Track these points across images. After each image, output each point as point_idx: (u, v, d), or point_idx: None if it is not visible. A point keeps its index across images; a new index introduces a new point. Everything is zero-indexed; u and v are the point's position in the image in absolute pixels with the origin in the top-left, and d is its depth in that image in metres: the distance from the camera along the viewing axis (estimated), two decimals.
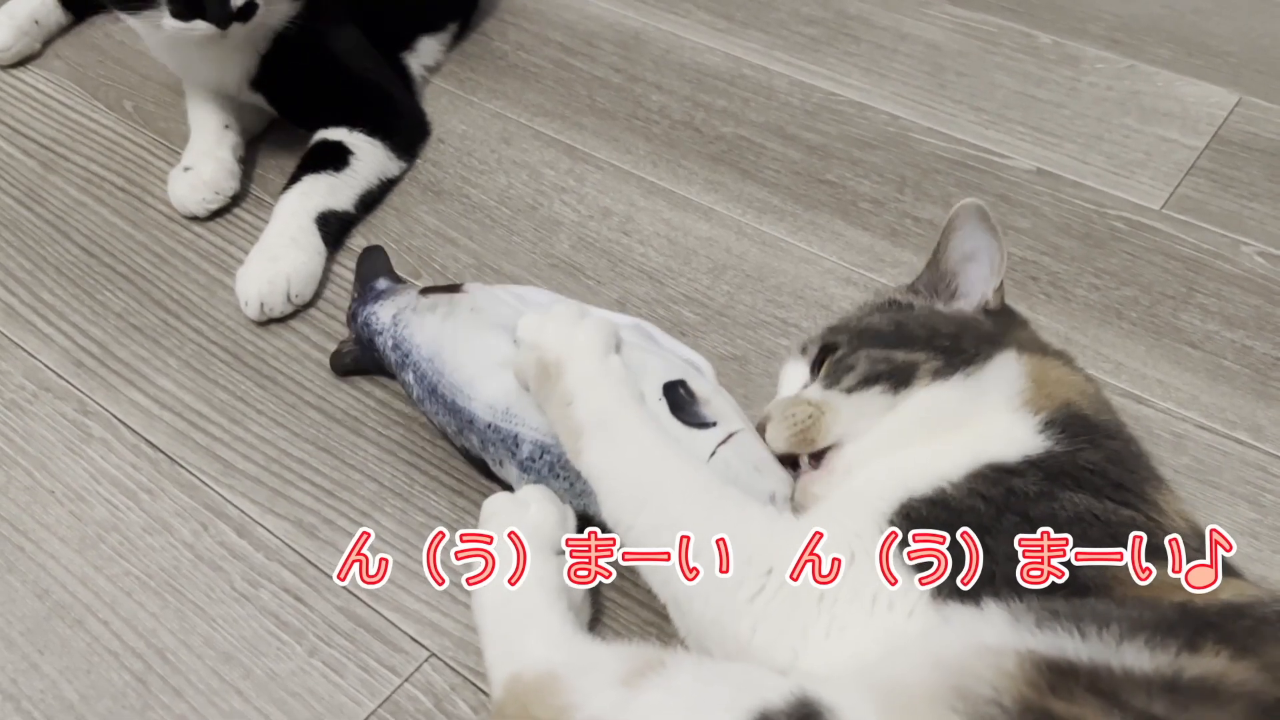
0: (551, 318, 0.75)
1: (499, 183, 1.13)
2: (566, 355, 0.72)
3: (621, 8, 1.38)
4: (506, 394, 0.77)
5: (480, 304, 0.82)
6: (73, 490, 0.84)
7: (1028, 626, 0.51)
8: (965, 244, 0.75)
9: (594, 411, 0.70)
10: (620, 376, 0.72)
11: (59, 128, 1.18)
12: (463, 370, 0.79)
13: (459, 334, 0.81)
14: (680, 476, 0.66)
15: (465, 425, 0.79)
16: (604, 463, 0.68)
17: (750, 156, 1.17)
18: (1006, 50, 1.31)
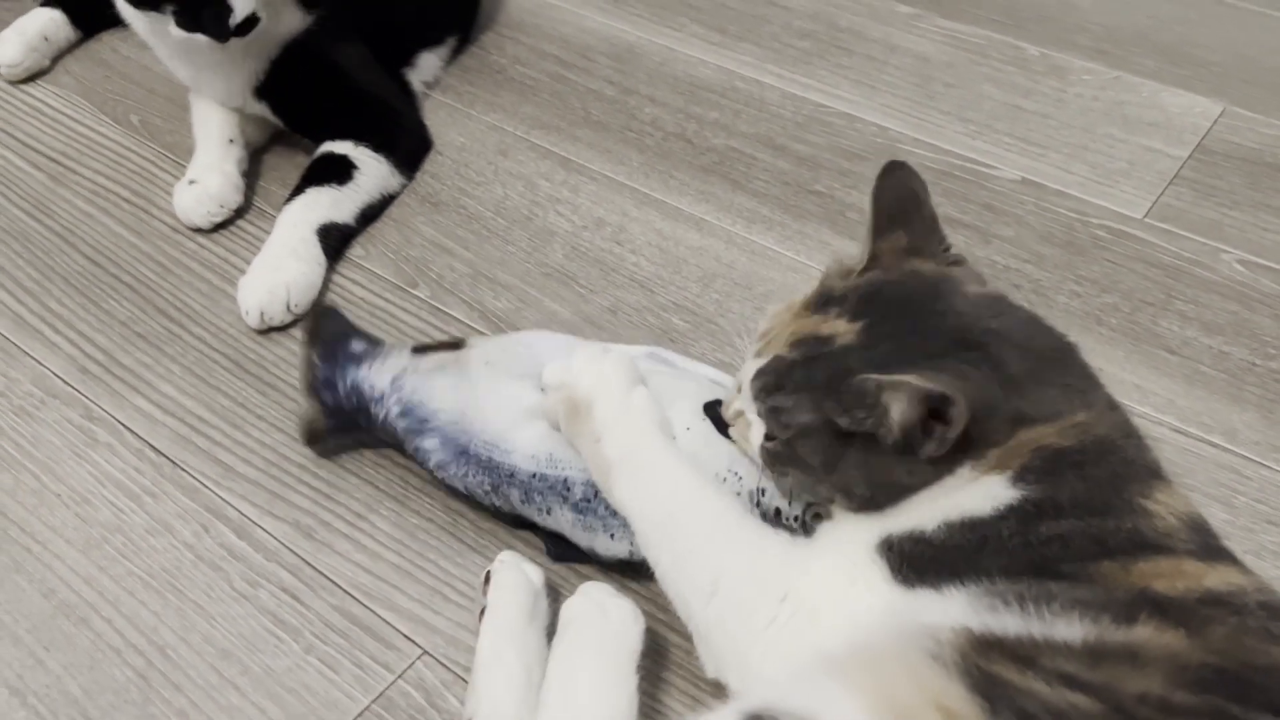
0: (577, 360, 0.77)
1: (495, 194, 1.16)
2: (595, 393, 0.75)
3: (617, 22, 1.41)
4: (545, 441, 0.77)
5: (493, 357, 0.82)
6: (78, 493, 0.87)
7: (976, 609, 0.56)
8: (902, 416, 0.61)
9: (622, 448, 0.73)
10: (647, 411, 0.74)
11: (67, 141, 1.21)
12: (492, 425, 0.78)
13: (479, 390, 0.80)
14: (701, 506, 0.70)
15: (505, 480, 0.78)
16: (632, 495, 0.72)
17: (741, 167, 1.19)
18: (994, 62, 1.33)
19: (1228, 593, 0.57)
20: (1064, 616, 0.55)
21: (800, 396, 0.66)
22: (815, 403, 0.65)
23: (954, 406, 0.60)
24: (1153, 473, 0.65)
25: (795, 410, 0.66)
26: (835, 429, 0.64)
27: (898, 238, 0.72)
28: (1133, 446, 0.66)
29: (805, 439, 0.66)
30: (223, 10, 0.99)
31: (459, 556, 0.83)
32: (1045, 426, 0.63)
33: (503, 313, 1.03)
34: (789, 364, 0.68)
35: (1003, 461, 0.63)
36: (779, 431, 0.68)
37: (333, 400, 0.84)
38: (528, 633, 0.74)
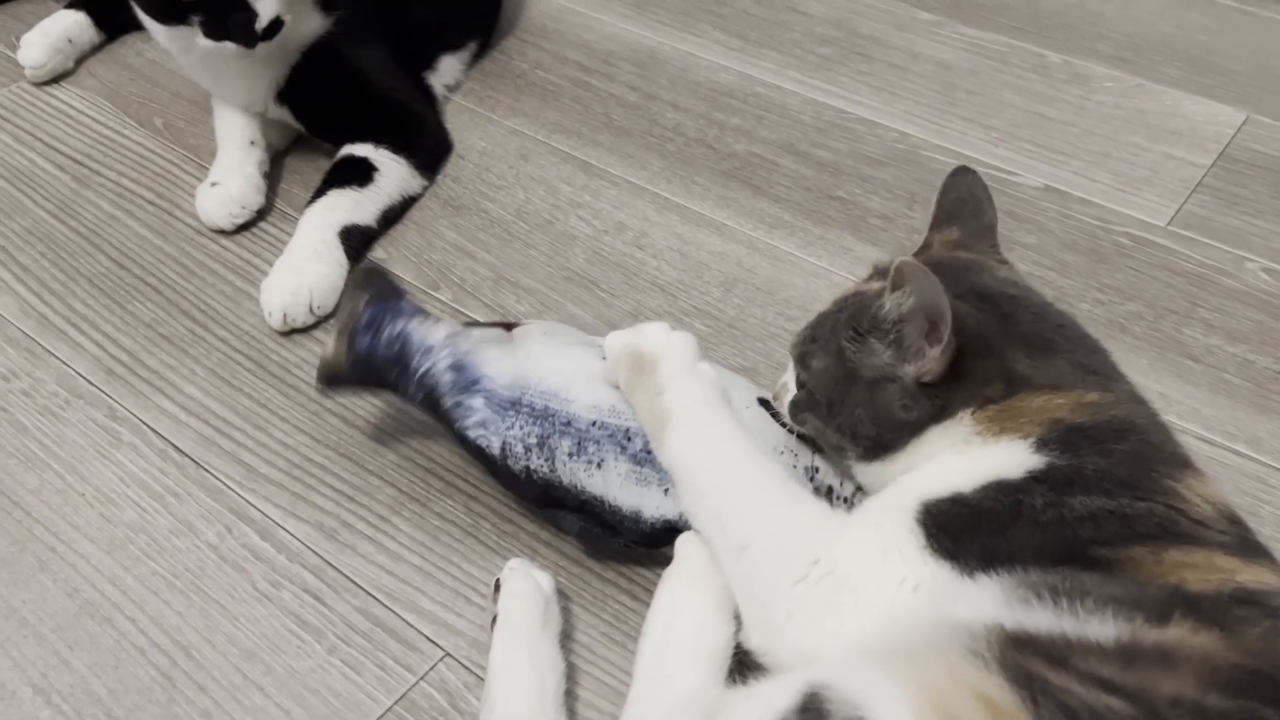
0: (646, 325, 0.79)
1: (517, 198, 1.16)
2: (663, 352, 0.76)
3: (639, 28, 1.41)
4: (608, 395, 0.78)
5: (552, 330, 0.83)
6: (102, 493, 0.87)
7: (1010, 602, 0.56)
8: (906, 305, 0.66)
9: (683, 401, 0.74)
10: (711, 380, 0.76)
11: (92, 143, 1.22)
12: (553, 379, 0.78)
13: (537, 352, 0.80)
14: (750, 467, 0.71)
15: (558, 430, 0.77)
16: (684, 449, 0.73)
17: (762, 173, 1.19)
18: (1016, 69, 1.33)
19: (1262, 592, 0.57)
20: (1097, 615, 0.55)
21: (828, 335, 0.71)
22: (835, 333, 0.70)
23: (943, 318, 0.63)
24: (1182, 461, 0.65)
25: (818, 349, 0.71)
26: (846, 366, 0.69)
27: (951, 232, 0.78)
28: (1157, 433, 0.66)
29: (820, 378, 0.71)
30: (249, 16, 1.00)
31: (480, 559, 0.83)
32: (1051, 395, 0.65)
33: (524, 316, 1.03)
34: (825, 315, 0.73)
35: (1015, 426, 0.64)
36: (805, 377, 0.72)
37: (368, 345, 0.81)
38: (540, 639, 0.74)
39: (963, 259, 0.75)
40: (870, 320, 0.68)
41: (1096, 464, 0.62)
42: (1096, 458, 0.62)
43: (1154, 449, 0.64)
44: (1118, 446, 0.62)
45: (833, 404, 0.70)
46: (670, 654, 0.70)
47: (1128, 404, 0.66)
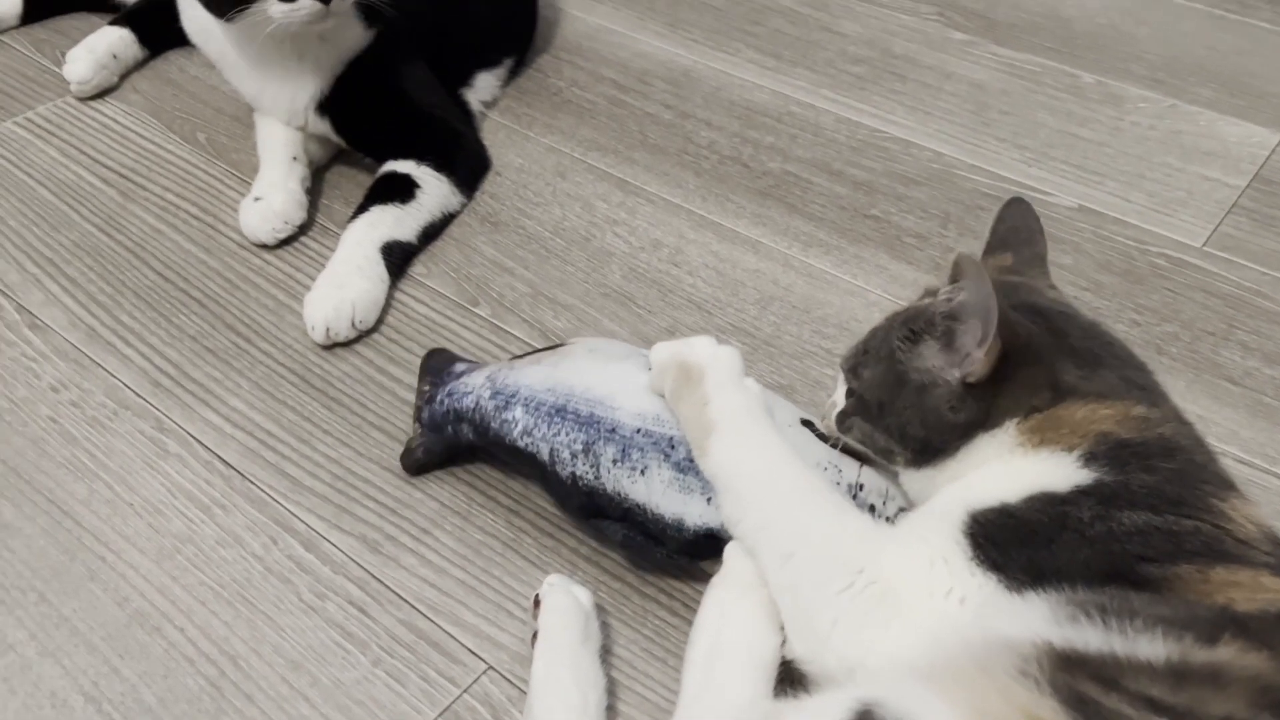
0: (693, 339, 0.80)
1: (554, 215, 1.17)
2: (710, 364, 0.78)
3: (673, 46, 1.43)
4: (652, 403, 0.79)
5: (596, 346, 0.85)
6: (151, 504, 0.89)
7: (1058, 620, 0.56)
8: (957, 299, 0.68)
9: (728, 411, 0.75)
10: (756, 393, 0.77)
11: (137, 158, 1.24)
12: (598, 388, 0.81)
13: (583, 366, 0.82)
14: (795, 477, 0.72)
15: (603, 436, 0.79)
16: (729, 458, 0.74)
17: (797, 191, 1.20)
18: (1050, 89, 1.33)
19: None
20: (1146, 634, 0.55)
21: (879, 342, 0.73)
22: (886, 337, 0.72)
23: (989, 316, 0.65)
24: (1226, 482, 0.65)
25: (869, 359, 0.73)
26: (896, 368, 0.71)
27: (1004, 258, 0.79)
28: (1202, 453, 0.67)
29: (871, 383, 0.72)
30: None
31: (522, 573, 0.84)
32: (1098, 405, 0.66)
33: (562, 332, 1.04)
34: (876, 329, 0.75)
35: (1061, 437, 0.65)
36: (855, 384, 0.74)
37: (429, 416, 0.88)
38: (581, 655, 0.74)
39: (1014, 280, 0.76)
40: (923, 320, 0.70)
41: (1143, 480, 0.62)
42: (1143, 474, 0.62)
43: (1199, 469, 0.64)
44: (1164, 464, 0.63)
45: (883, 405, 0.71)
46: (719, 664, 0.71)
47: (1174, 423, 0.67)
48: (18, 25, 1.45)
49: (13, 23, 1.45)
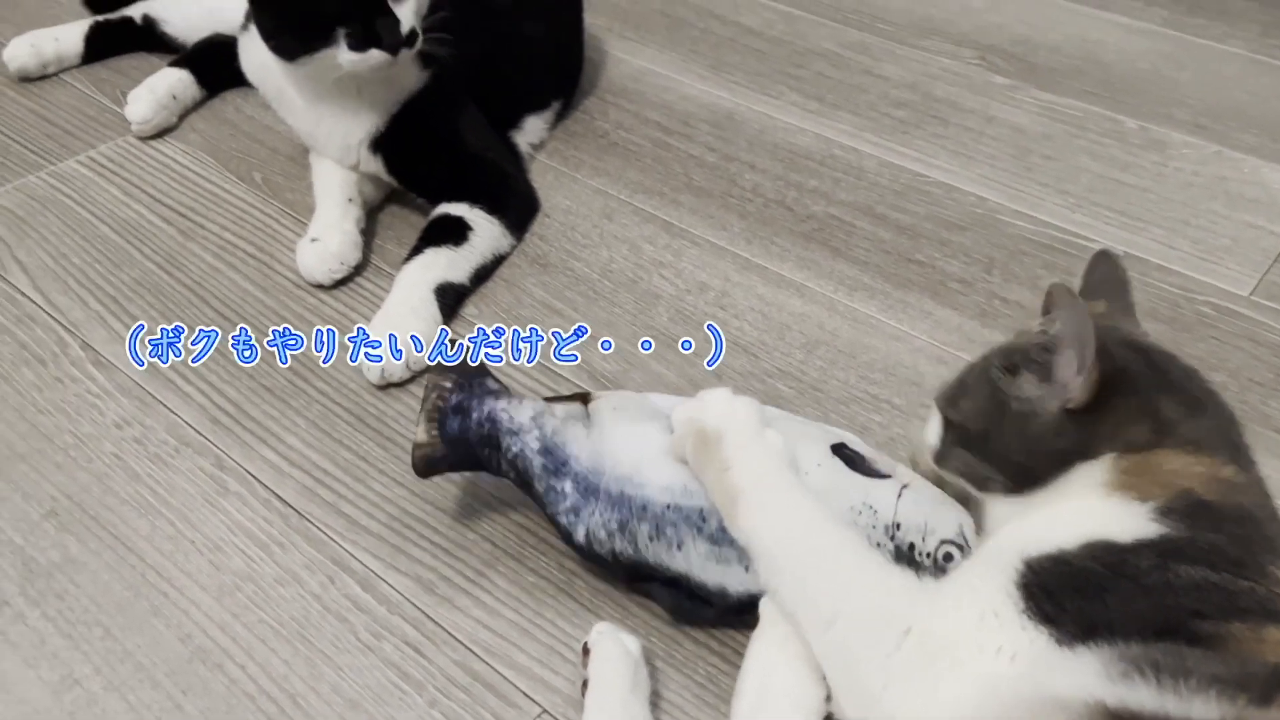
0: (709, 396, 0.80)
1: (601, 256, 1.19)
2: (726, 425, 0.78)
3: (716, 89, 1.45)
4: (678, 474, 0.79)
5: (619, 404, 0.85)
6: (211, 541, 0.91)
7: (1111, 677, 0.57)
8: (1053, 330, 0.70)
9: (750, 476, 0.75)
10: (777, 448, 0.77)
11: (195, 197, 1.28)
12: (624, 462, 0.80)
13: (608, 432, 0.82)
14: (828, 539, 0.72)
15: (635, 515, 0.79)
16: (758, 527, 0.74)
17: (841, 235, 1.21)
18: (1092, 135, 1.34)
19: None
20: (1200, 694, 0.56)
21: (977, 374, 0.76)
22: (985, 369, 0.74)
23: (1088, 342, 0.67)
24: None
25: (967, 391, 0.75)
26: (996, 397, 0.72)
27: (1098, 305, 0.80)
28: (1272, 526, 0.67)
29: (972, 413, 0.74)
30: (395, 21, 1.05)
31: (575, 616, 0.85)
32: (1192, 457, 0.67)
33: (610, 374, 1.06)
34: (972, 365, 0.78)
35: (1144, 485, 0.66)
36: (954, 414, 0.75)
37: (458, 428, 0.85)
38: (631, 704, 0.75)
39: (1111, 323, 0.78)
40: (1021, 351, 0.72)
41: (1208, 539, 0.63)
42: (1210, 534, 0.63)
43: (1265, 540, 0.65)
44: (1233, 529, 0.64)
45: (986, 434, 0.73)
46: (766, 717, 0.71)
47: (1256, 494, 0.67)
48: (79, 64, 1.50)
49: (74, 61, 1.49)
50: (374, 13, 1.04)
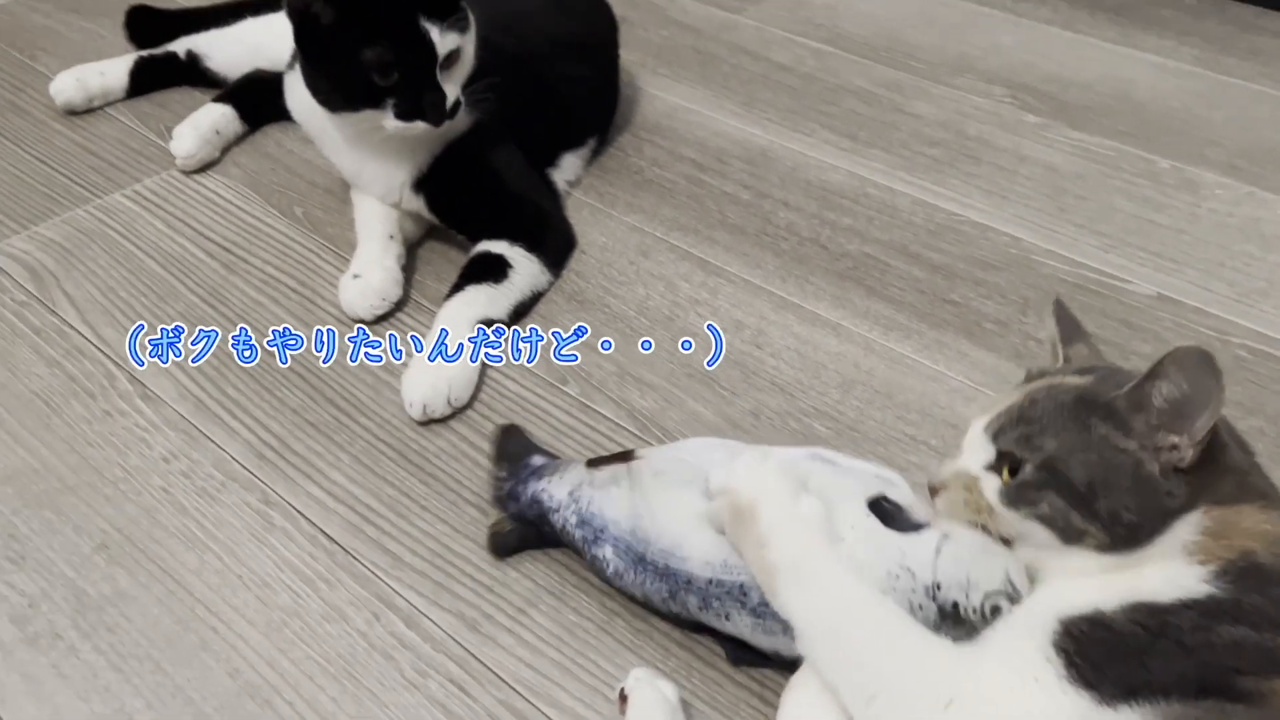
0: (740, 465, 0.80)
1: (638, 294, 1.21)
2: (759, 499, 0.77)
3: (749, 126, 1.47)
4: (718, 547, 0.80)
5: (660, 467, 0.86)
6: (258, 576, 0.92)
7: None
8: (1173, 392, 0.68)
9: (787, 553, 0.75)
10: (811, 518, 0.77)
11: (238, 231, 1.30)
12: (667, 534, 0.82)
13: (651, 500, 0.84)
14: (866, 614, 0.72)
15: (682, 587, 0.81)
16: (798, 603, 0.74)
17: (876, 274, 1.22)
18: (1125, 175, 1.35)
19: None
20: None
21: (1053, 415, 0.71)
22: (1074, 414, 0.70)
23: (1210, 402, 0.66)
24: None
25: (1050, 427, 0.71)
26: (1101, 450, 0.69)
27: (1080, 349, 0.80)
28: None
29: (1067, 456, 0.70)
30: (441, 97, 1.09)
31: (616, 656, 0.86)
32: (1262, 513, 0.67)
33: (649, 412, 1.07)
34: (1030, 401, 0.73)
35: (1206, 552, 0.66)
36: (1030, 456, 0.71)
37: (516, 510, 0.92)
38: None
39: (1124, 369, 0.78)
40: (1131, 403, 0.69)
41: (1253, 601, 0.63)
42: (1255, 595, 0.64)
43: None
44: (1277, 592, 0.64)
45: (1093, 487, 0.69)
46: None
47: None
48: (123, 98, 1.53)
49: (119, 96, 1.52)
50: (422, 88, 1.08)
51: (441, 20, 1.07)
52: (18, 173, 1.39)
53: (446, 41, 1.08)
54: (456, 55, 1.10)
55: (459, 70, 1.11)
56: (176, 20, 1.59)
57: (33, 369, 1.11)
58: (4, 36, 1.67)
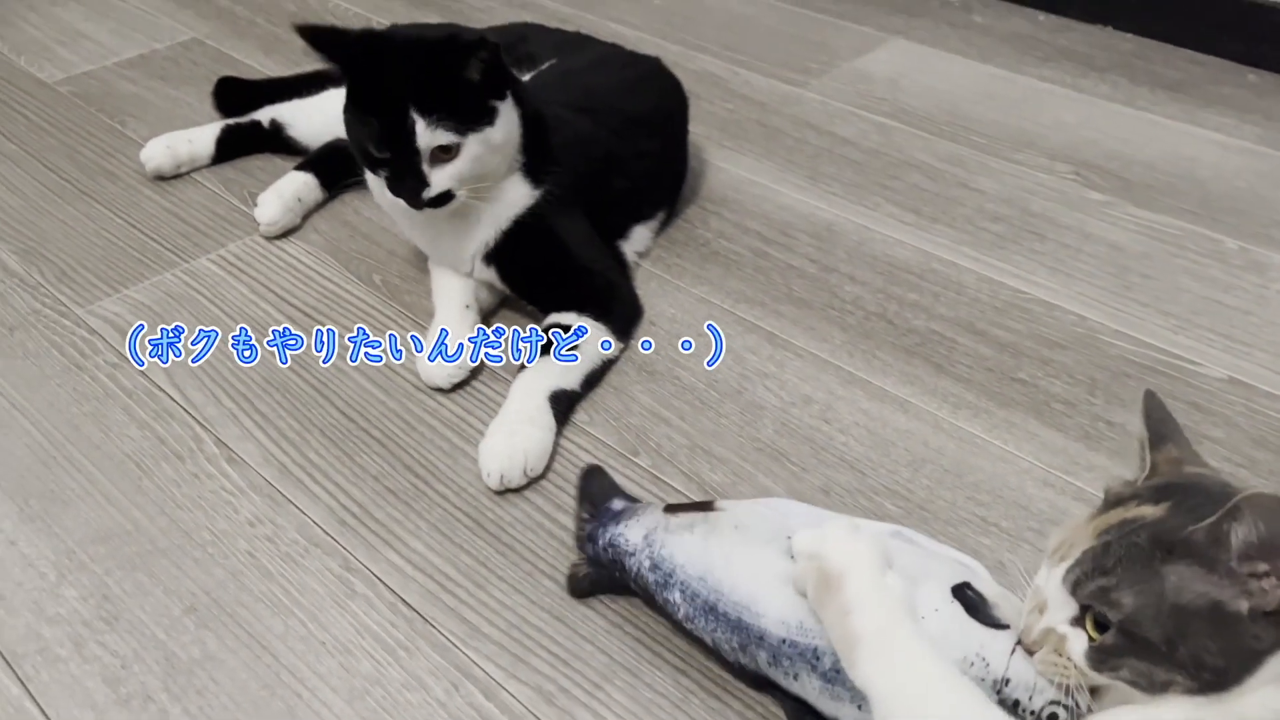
0: (831, 532, 0.82)
1: (706, 365, 1.23)
2: (848, 568, 0.79)
3: (814, 199, 1.49)
4: (795, 608, 0.81)
5: (742, 521, 0.88)
6: (341, 643, 0.94)
7: None
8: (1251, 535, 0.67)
9: (871, 624, 0.76)
10: (897, 594, 0.78)
11: (318, 297, 1.34)
12: (743, 587, 0.84)
13: (730, 551, 0.86)
14: (946, 695, 0.73)
15: (753, 641, 0.83)
16: (877, 675, 0.75)
17: (943, 351, 1.24)
18: (1191, 254, 1.36)
19: None
20: None
21: (1128, 563, 0.70)
22: (1148, 559, 0.69)
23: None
24: None
25: (1126, 579, 0.69)
26: (1180, 598, 0.68)
27: (1169, 450, 0.79)
28: None
29: (1142, 615, 0.69)
30: (418, 185, 1.14)
31: None
32: None
33: (719, 485, 1.08)
34: (1103, 547, 0.72)
35: None
36: (1110, 614, 0.70)
37: (593, 552, 0.95)
38: None
39: (1215, 476, 0.77)
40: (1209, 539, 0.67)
41: None
42: None
43: None
44: None
45: (1171, 641, 0.68)
46: None
47: None
48: (209, 164, 1.59)
49: (205, 162, 1.58)
50: (405, 172, 1.13)
51: (429, 115, 1.10)
52: (110, 236, 1.45)
53: (433, 137, 1.11)
54: (451, 151, 1.12)
55: (457, 165, 1.13)
56: (261, 90, 1.66)
57: (125, 430, 1.15)
58: (95, 102, 1.75)
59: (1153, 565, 0.69)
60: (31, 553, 1.03)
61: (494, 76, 1.14)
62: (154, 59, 1.88)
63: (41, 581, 1.00)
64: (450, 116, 1.11)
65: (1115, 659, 0.71)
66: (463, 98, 1.12)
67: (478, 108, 1.13)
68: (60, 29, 1.99)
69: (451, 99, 1.11)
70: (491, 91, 1.14)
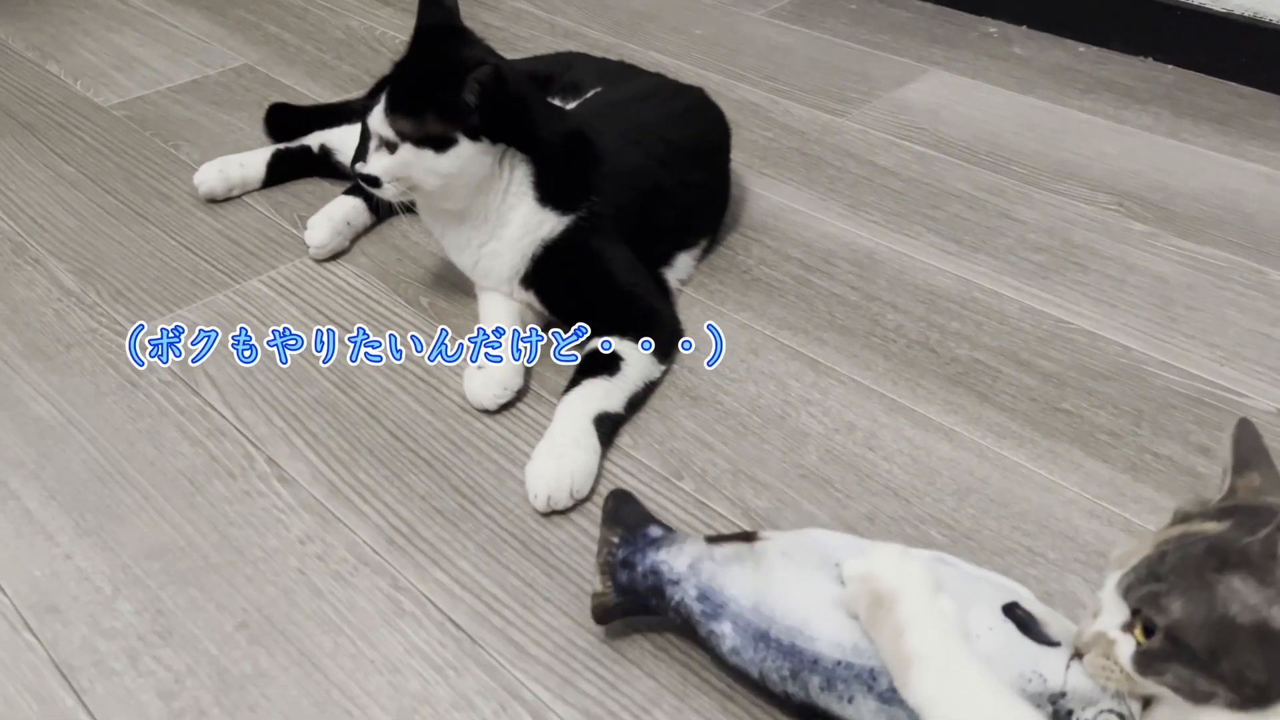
0: (882, 554, 0.83)
1: (749, 391, 1.24)
2: (900, 589, 0.80)
3: (855, 228, 1.50)
4: (849, 630, 0.82)
5: (788, 549, 0.88)
6: (390, 662, 0.95)
7: None
8: None
9: (925, 644, 0.77)
10: (951, 616, 0.79)
11: (366, 318, 1.36)
12: (795, 613, 0.84)
13: (778, 579, 0.86)
14: (1006, 712, 0.73)
15: (806, 666, 0.83)
16: (931, 695, 0.75)
17: (986, 380, 1.24)
18: (1237, 286, 1.35)
19: None
20: None
21: (1180, 571, 0.71)
22: (1200, 569, 0.70)
23: None
24: None
25: (1176, 586, 0.70)
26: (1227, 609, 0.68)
27: (1252, 478, 0.79)
28: None
29: (1189, 622, 0.70)
30: (361, 158, 1.22)
31: None
32: None
33: (763, 511, 1.09)
34: (1159, 555, 0.73)
35: None
36: (1157, 618, 0.71)
37: (627, 580, 0.93)
38: None
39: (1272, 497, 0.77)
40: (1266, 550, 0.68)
41: None
42: None
43: None
44: None
45: (1215, 652, 0.69)
46: None
47: None
48: (259, 188, 1.62)
49: (256, 185, 1.62)
50: (364, 141, 1.23)
51: (390, 110, 1.18)
52: (164, 257, 1.48)
53: (383, 128, 1.19)
54: (392, 148, 1.19)
55: (390, 161, 1.19)
56: (311, 116, 1.69)
57: (178, 447, 1.18)
58: (150, 126, 1.79)
59: (1205, 575, 0.70)
60: (87, 566, 1.05)
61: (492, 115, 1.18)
62: (206, 84, 1.92)
63: (97, 595, 1.02)
64: (406, 119, 1.17)
65: (1160, 663, 0.72)
66: (434, 111, 1.17)
67: (439, 135, 1.18)
68: (115, 54, 2.04)
69: (419, 107, 1.18)
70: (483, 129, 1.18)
